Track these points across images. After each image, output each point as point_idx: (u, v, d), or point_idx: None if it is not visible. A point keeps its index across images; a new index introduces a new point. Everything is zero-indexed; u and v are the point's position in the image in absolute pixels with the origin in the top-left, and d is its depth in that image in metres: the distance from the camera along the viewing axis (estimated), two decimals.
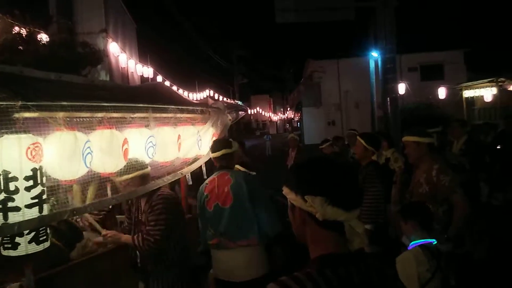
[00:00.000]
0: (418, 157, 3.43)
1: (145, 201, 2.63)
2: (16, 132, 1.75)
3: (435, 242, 2.67)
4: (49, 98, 1.94)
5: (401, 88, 10.98)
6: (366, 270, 1.15)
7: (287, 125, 38.74)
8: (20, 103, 1.74)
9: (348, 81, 23.46)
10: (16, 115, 1.78)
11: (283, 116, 41.67)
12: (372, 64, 12.66)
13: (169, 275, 2.63)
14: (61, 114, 1.99)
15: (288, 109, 38.28)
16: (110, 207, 3.27)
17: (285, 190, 1.22)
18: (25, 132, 1.78)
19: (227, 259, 2.83)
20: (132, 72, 13.63)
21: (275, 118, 39.70)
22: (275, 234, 2.84)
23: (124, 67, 12.82)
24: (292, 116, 38.13)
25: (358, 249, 1.21)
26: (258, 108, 29.60)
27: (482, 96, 13.51)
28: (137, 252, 2.64)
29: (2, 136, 1.73)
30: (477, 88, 13.69)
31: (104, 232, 2.66)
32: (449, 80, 18.04)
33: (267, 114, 35.17)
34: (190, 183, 3.42)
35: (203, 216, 2.94)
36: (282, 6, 8.74)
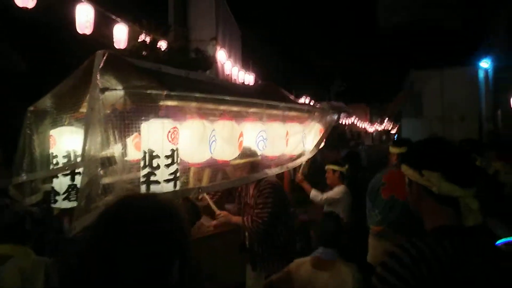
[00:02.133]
0: None
1: (253, 187, 2.87)
2: (161, 117, 2.07)
3: None
4: (185, 90, 2.24)
5: None
6: (482, 245, 1.18)
7: (383, 137, 37.02)
8: (165, 92, 2.05)
9: (452, 92, 21.65)
10: (161, 102, 2.09)
11: (379, 127, 39.94)
12: (481, 74, 11.58)
13: (275, 257, 2.81)
14: (193, 104, 2.28)
15: (386, 119, 36.54)
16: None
17: (403, 167, 1.32)
18: (167, 117, 2.09)
19: (384, 249, 2.88)
20: (235, 78, 14.43)
21: (371, 129, 38.24)
22: None
23: (228, 74, 13.64)
24: (390, 127, 36.29)
25: (472, 226, 1.23)
26: (354, 118, 28.84)
27: None
28: (246, 234, 2.87)
29: (150, 119, 2.05)
30: None
31: (218, 212, 2.94)
32: None
33: (363, 125, 34.05)
34: (293, 178, 3.59)
35: (373, 201, 3.03)
36: (385, 3, 8.52)
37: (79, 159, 2.20)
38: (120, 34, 6.13)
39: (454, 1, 8.47)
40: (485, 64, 9.67)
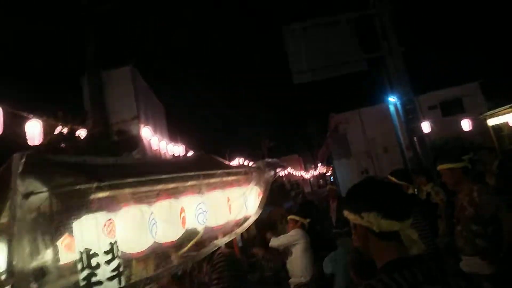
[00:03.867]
0: (455, 182, 3.47)
1: (206, 263, 2.74)
2: (93, 212, 1.94)
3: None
4: (117, 177, 2.16)
5: (425, 126, 11.06)
6: (428, 270, 1.26)
7: (321, 181, 38.42)
8: (95, 184, 1.95)
9: (372, 128, 23.65)
10: (92, 196, 1.98)
11: (314, 172, 41.47)
12: (392, 109, 12.88)
13: None
14: (127, 191, 2.19)
15: (319, 164, 38.19)
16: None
17: (345, 213, 1.42)
18: (100, 210, 1.97)
19: None
20: (164, 152, 14.28)
21: (307, 176, 39.50)
22: None
23: (157, 149, 13.48)
24: (324, 170, 37.87)
25: (417, 255, 1.32)
26: (289, 169, 29.72)
27: (507, 122, 13.60)
28: None
29: (81, 217, 1.92)
30: (501, 114, 13.87)
31: None
32: (470, 112, 18.08)
33: (299, 173, 35.13)
34: (240, 244, 3.53)
35: None
36: (297, 68, 9.28)
37: (3, 277, 1.95)
38: (33, 130, 5.87)
39: (354, 47, 9.47)
40: (393, 99, 10.79)
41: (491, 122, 14.61)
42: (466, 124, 13.91)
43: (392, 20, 9.41)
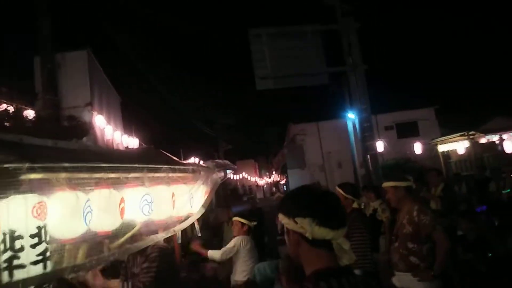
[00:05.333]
0: (398, 200, 3.64)
1: (140, 254, 2.70)
2: (23, 193, 1.86)
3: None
4: (52, 161, 2.08)
5: (379, 145, 11.42)
6: (355, 282, 1.28)
7: (274, 188, 38.78)
8: (27, 165, 1.87)
9: (329, 142, 24.24)
10: (23, 176, 1.89)
11: (269, 179, 41.84)
12: (350, 125, 13.21)
13: None
14: (63, 175, 2.11)
15: (274, 172, 38.62)
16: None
17: (280, 216, 1.40)
18: (31, 192, 1.89)
19: None
20: (118, 143, 13.84)
21: (261, 182, 39.78)
22: None
23: (110, 139, 13.05)
24: (278, 179, 38.33)
25: (347, 265, 1.35)
26: (244, 173, 29.79)
27: (456, 150, 14.21)
28: None
29: (9, 196, 1.83)
30: (451, 142, 14.47)
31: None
32: (424, 136, 18.98)
33: (253, 179, 35.32)
34: (179, 241, 3.51)
35: None
36: (261, 74, 9.33)
37: None
38: None
39: (319, 59, 9.64)
40: (351, 115, 11.06)
41: (442, 148, 15.14)
42: (418, 147, 14.57)
43: (358, 37, 9.67)
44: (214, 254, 4.41)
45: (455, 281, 4.06)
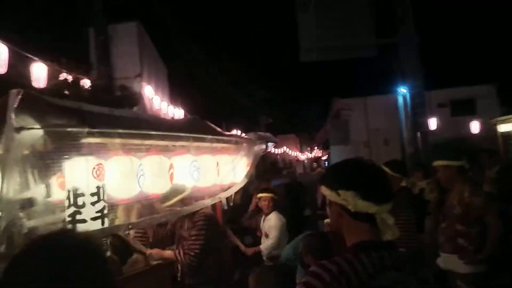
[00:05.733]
0: (449, 180, 3.50)
1: (188, 219, 2.87)
2: (84, 155, 2.04)
3: None
4: (108, 127, 2.24)
5: (432, 123, 10.78)
6: (397, 257, 1.26)
7: (314, 164, 38.58)
8: (86, 129, 2.04)
9: (376, 118, 23.38)
10: (83, 140, 2.07)
11: (310, 154, 41.63)
12: (400, 100, 12.62)
13: None
14: (118, 141, 2.28)
15: (315, 147, 38.31)
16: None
17: (322, 188, 1.40)
18: (90, 154, 2.07)
19: None
20: (164, 113, 14.33)
21: (302, 157, 39.67)
22: None
23: (157, 109, 13.53)
24: (320, 154, 38.01)
25: (389, 240, 1.33)
26: (285, 147, 29.81)
27: None
28: (178, 266, 2.84)
29: (73, 158, 2.01)
30: None
31: (148, 251, 2.88)
32: (482, 115, 17.68)
33: (294, 153, 35.30)
34: (226, 207, 3.64)
35: None
36: (306, 45, 9.15)
37: None
38: (39, 73, 5.90)
39: (367, 30, 9.25)
40: (402, 90, 10.55)
41: (502, 128, 14.03)
42: (475, 127, 13.56)
43: (413, 6, 9.09)
44: (269, 246, 4.42)
45: (504, 269, 3.88)
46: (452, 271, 3.35)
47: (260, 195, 4.62)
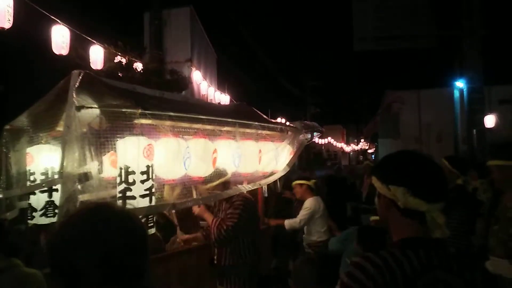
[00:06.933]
0: (504, 181, 3.31)
1: (226, 201, 2.95)
2: (136, 135, 2.15)
3: None
4: (159, 109, 2.34)
5: (490, 120, 10.03)
6: (445, 257, 1.21)
7: (361, 157, 37.67)
8: (140, 111, 2.15)
9: (429, 113, 22.29)
10: (136, 120, 2.18)
11: (356, 147, 40.70)
12: (456, 95, 11.92)
13: (240, 273, 2.88)
14: (167, 123, 2.38)
15: (362, 140, 37.35)
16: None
17: (373, 179, 1.35)
18: (142, 135, 2.17)
19: None
20: (211, 99, 14.60)
21: (348, 149, 38.86)
22: None
23: (204, 94, 13.81)
24: (367, 147, 37.05)
25: (438, 238, 1.25)
26: (330, 138, 29.36)
27: None
28: (215, 250, 2.93)
29: (125, 137, 2.13)
30: None
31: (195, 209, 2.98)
32: None
33: (339, 145, 34.69)
34: (266, 195, 3.68)
35: None
36: (360, 34, 8.87)
37: (56, 176, 2.24)
38: (96, 55, 6.22)
39: (427, 20, 8.79)
40: (460, 84, 9.93)
41: None
42: None
43: None
44: (292, 223, 4.41)
45: None
46: (502, 276, 3.21)
47: (295, 182, 4.61)
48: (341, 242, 3.52)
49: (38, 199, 2.45)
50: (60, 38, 4.91)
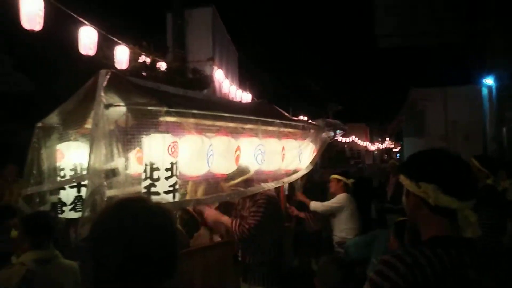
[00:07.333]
0: None
1: (249, 199, 2.97)
2: (161, 132, 2.19)
3: None
4: (183, 107, 2.38)
5: None
6: (476, 256, 1.19)
7: (385, 155, 37.04)
8: (165, 109, 2.19)
9: (456, 110, 21.68)
10: (161, 118, 2.22)
11: (380, 145, 40.05)
12: (485, 92, 11.56)
13: (263, 270, 2.89)
14: (191, 120, 2.41)
15: (387, 139, 36.74)
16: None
17: (401, 177, 1.33)
18: (167, 132, 2.22)
19: None
20: (233, 97, 14.67)
21: (372, 147, 38.27)
22: None
23: (226, 92, 13.91)
24: (392, 146, 36.42)
25: (469, 238, 1.23)
26: (353, 137, 29.00)
27: None
28: (239, 246, 2.96)
29: (151, 134, 2.18)
30: None
31: (206, 210, 3.02)
32: None
33: (363, 143, 34.21)
34: (287, 193, 3.69)
35: None
36: (385, 31, 8.71)
37: (85, 172, 2.32)
38: (122, 55, 6.37)
39: (456, 14, 8.52)
40: (488, 81, 9.60)
41: None
42: None
43: None
44: (316, 205, 4.48)
45: None
46: None
47: (334, 176, 4.70)
48: (364, 247, 3.42)
49: (68, 194, 2.54)
50: (87, 39, 5.05)
